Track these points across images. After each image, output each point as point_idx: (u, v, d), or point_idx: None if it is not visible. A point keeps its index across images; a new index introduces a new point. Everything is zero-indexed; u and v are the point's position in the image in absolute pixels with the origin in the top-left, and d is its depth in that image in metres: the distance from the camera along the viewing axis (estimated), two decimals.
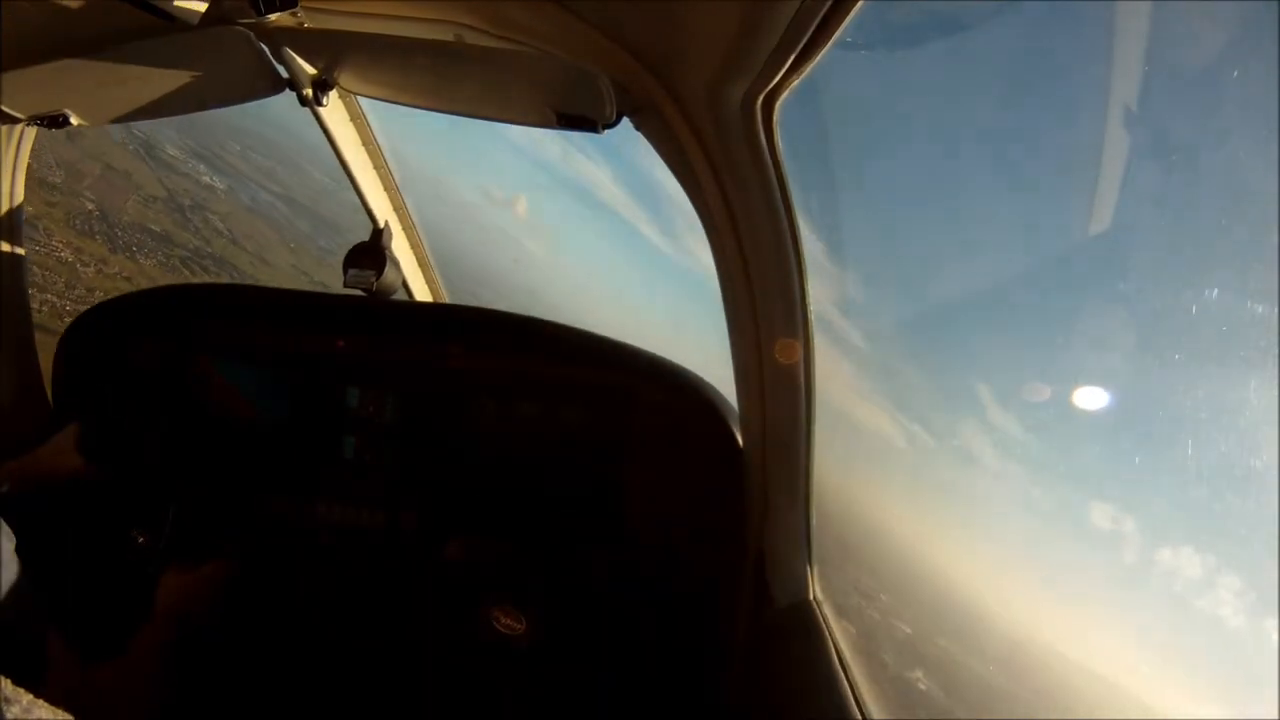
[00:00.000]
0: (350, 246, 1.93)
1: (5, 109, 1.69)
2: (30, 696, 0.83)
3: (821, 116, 1.18)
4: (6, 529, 0.98)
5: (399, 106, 1.74)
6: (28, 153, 1.85)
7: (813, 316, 1.30)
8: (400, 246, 2.30)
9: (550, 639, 1.78)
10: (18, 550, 1.01)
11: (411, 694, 2.02)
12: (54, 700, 0.98)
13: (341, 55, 1.48)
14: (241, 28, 1.34)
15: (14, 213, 1.88)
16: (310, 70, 1.58)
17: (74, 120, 1.70)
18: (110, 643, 1.35)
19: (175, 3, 1.17)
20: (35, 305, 2.04)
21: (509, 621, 1.72)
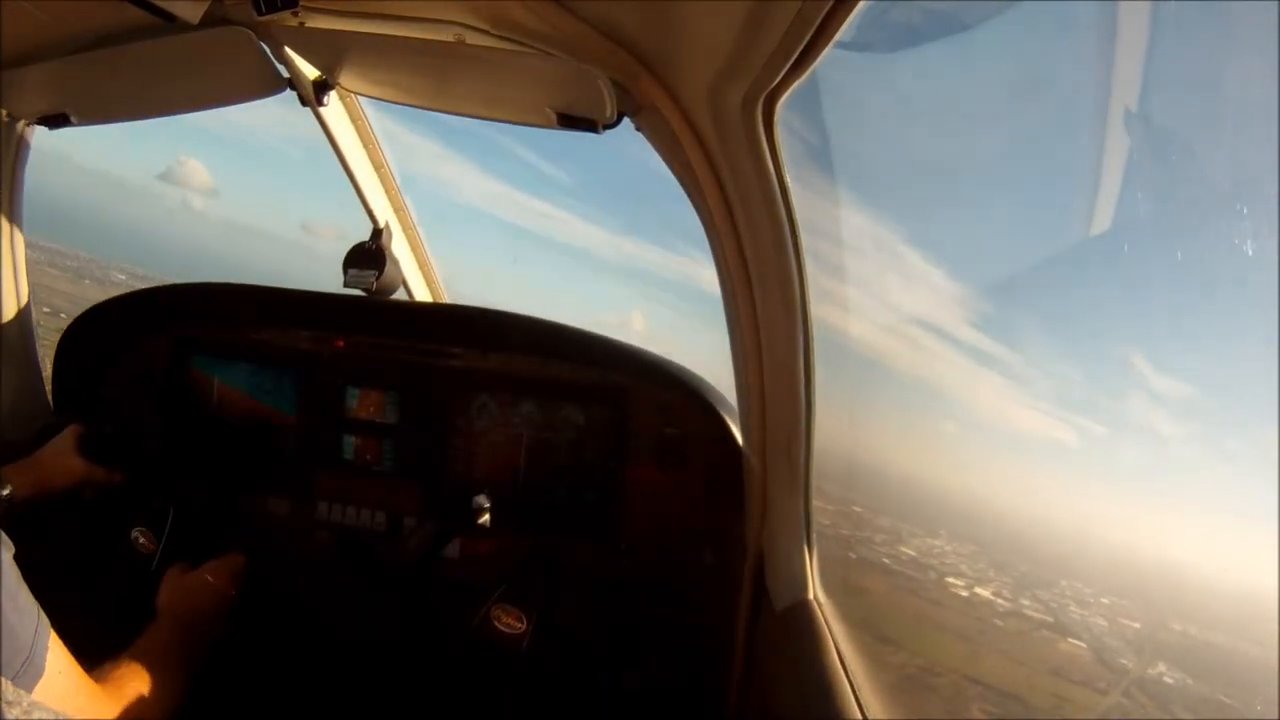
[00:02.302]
0: None
1: (5, 109, 1.70)
2: (31, 698, 0.83)
3: (822, 116, 1.18)
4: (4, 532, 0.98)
5: (399, 106, 1.74)
6: (28, 153, 1.85)
7: (813, 316, 1.30)
8: (400, 246, 2.29)
9: (550, 638, 1.78)
10: (18, 552, 1.00)
11: (412, 693, 2.02)
12: (54, 702, 0.98)
13: (341, 55, 1.48)
14: (242, 27, 1.34)
15: (14, 213, 1.88)
16: (310, 70, 1.58)
17: (74, 120, 1.70)
18: (111, 644, 1.35)
19: (175, 2, 1.17)
20: None
21: (510, 620, 1.72)
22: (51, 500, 1.75)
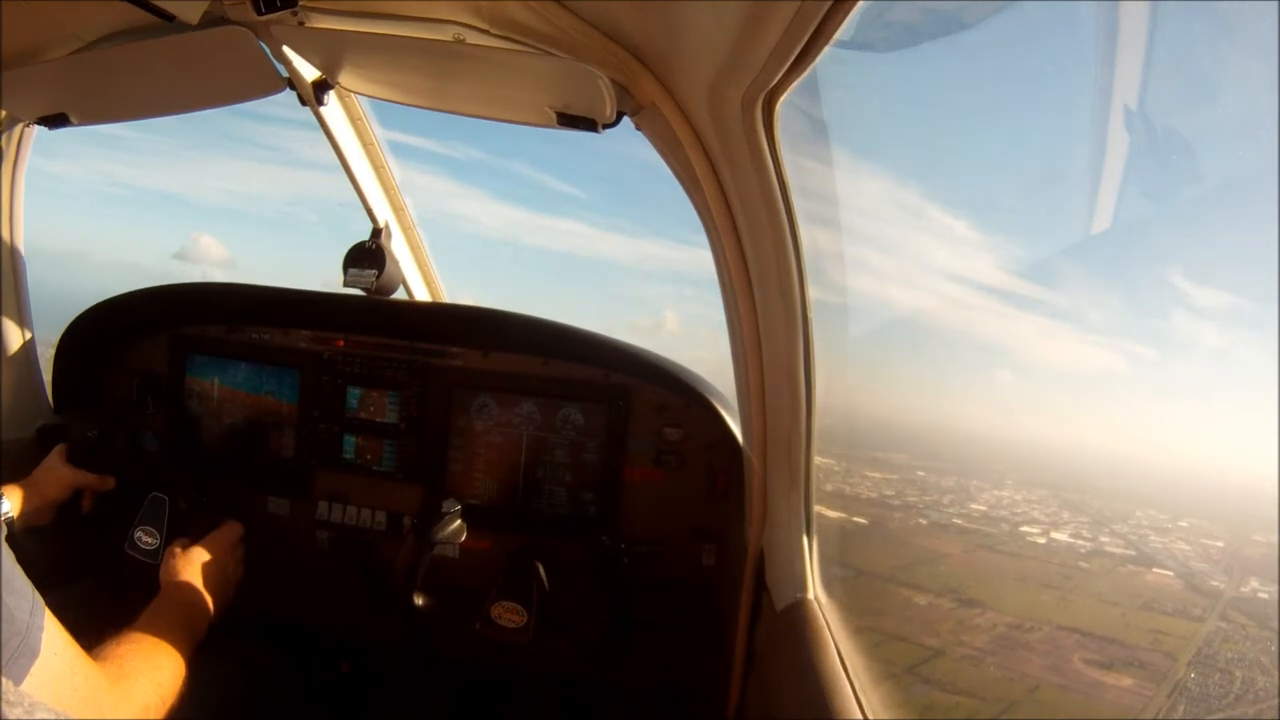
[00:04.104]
0: None
1: (5, 109, 1.69)
2: (32, 698, 0.83)
3: (822, 115, 1.18)
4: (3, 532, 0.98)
5: (399, 106, 1.74)
6: (28, 153, 1.85)
7: (813, 316, 1.29)
8: (400, 246, 2.29)
9: (551, 634, 1.78)
10: (18, 552, 1.00)
11: (414, 689, 2.02)
12: (51, 683, 0.98)
13: (341, 55, 1.47)
14: (242, 27, 1.34)
15: (14, 213, 1.88)
16: (310, 70, 1.58)
17: (74, 120, 1.70)
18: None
19: (175, 2, 1.17)
20: None
21: (511, 616, 1.73)
22: (53, 517, 1.76)
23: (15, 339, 1.95)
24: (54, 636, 0.99)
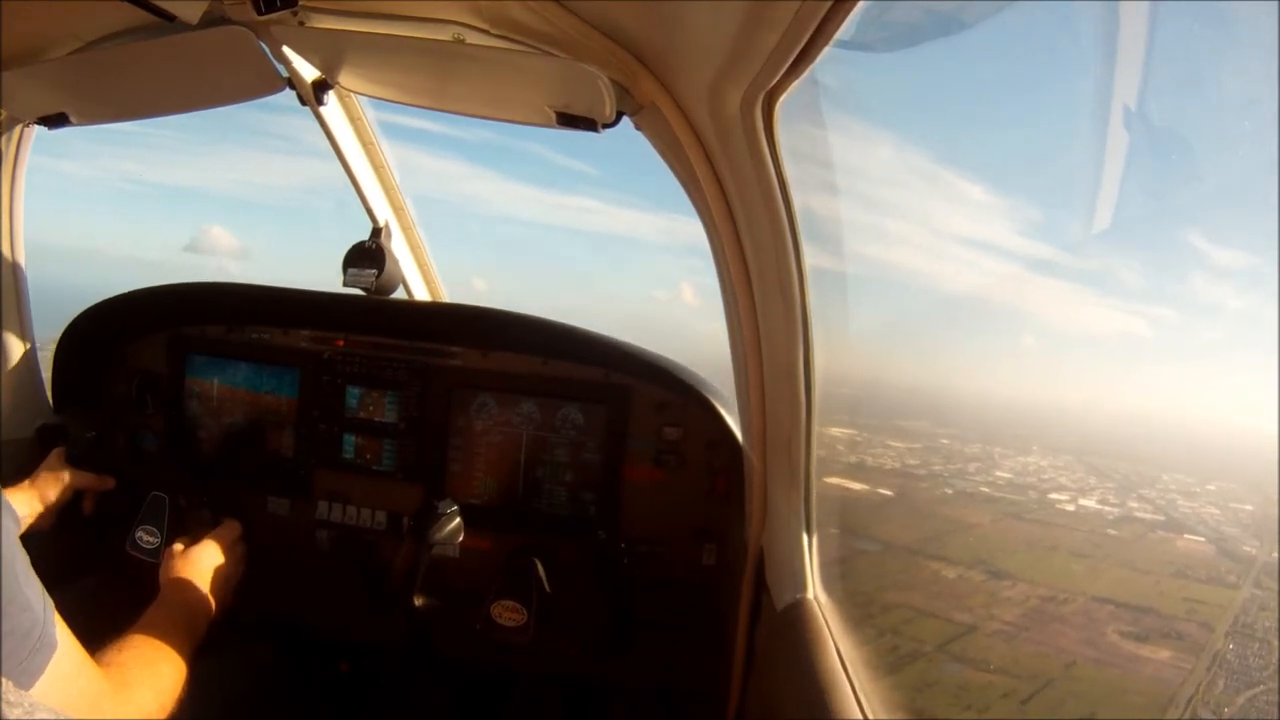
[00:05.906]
0: None
1: (5, 109, 1.70)
2: (32, 699, 0.83)
3: (821, 115, 1.18)
4: (5, 532, 0.98)
5: (399, 106, 1.74)
6: (28, 153, 1.85)
7: (813, 315, 1.29)
8: (400, 246, 2.30)
9: (551, 634, 1.78)
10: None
11: (414, 689, 2.02)
12: (59, 682, 0.98)
13: (341, 55, 1.48)
14: (242, 27, 1.34)
15: (14, 213, 1.88)
16: (310, 70, 1.58)
17: (74, 120, 1.70)
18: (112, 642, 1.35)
19: (175, 2, 1.17)
20: None
21: (511, 615, 1.73)
22: (54, 521, 1.76)
23: (15, 338, 1.95)
24: (62, 635, 0.99)
